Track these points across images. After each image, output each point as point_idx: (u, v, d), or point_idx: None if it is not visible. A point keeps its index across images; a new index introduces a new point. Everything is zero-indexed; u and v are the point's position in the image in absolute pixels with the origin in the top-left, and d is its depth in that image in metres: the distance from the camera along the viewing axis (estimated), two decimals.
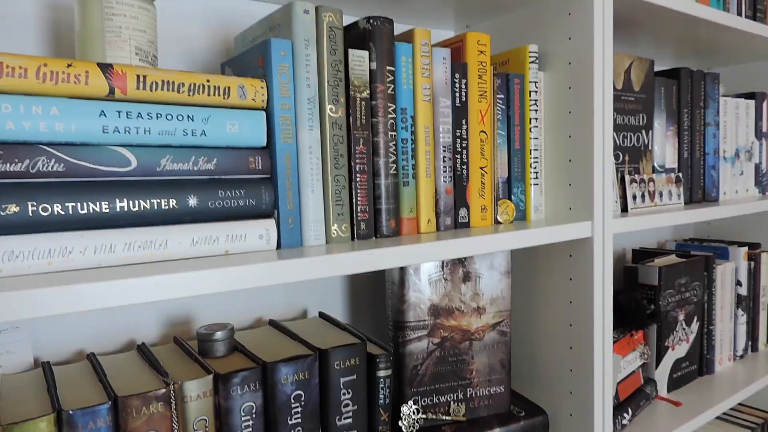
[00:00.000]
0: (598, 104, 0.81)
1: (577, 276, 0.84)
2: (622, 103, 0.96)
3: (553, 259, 0.89)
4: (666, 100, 1.06)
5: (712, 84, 1.14)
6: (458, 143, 0.78)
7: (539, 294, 0.92)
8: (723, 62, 1.44)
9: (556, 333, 0.89)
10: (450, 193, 0.77)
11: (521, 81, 0.84)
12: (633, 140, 0.99)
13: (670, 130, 1.07)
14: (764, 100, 1.29)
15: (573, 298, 0.85)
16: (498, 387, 0.87)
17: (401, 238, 0.71)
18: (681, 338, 1.16)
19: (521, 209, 0.86)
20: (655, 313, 1.11)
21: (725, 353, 1.27)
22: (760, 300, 1.36)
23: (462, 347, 0.84)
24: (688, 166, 1.11)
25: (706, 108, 1.13)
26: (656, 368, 1.11)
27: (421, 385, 0.82)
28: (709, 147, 1.14)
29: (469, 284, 0.84)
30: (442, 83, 0.75)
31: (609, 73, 0.82)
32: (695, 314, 1.18)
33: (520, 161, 0.85)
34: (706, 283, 1.20)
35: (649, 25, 1.05)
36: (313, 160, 0.65)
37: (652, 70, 1.01)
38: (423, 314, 0.82)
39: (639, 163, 1.00)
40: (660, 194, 1.02)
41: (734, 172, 1.22)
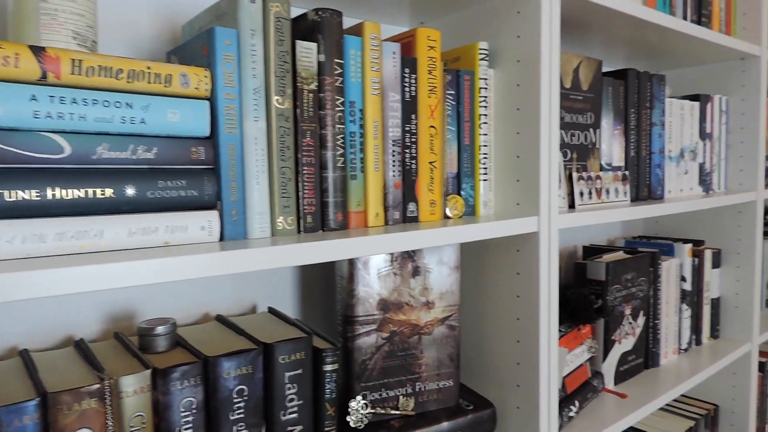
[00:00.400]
0: (545, 102, 0.83)
1: (524, 270, 0.86)
2: (570, 102, 0.98)
3: (502, 253, 0.90)
4: (613, 99, 1.09)
5: (659, 85, 1.18)
6: (407, 138, 0.78)
7: (488, 288, 0.93)
8: (671, 65, 1.48)
9: (504, 327, 0.90)
10: (399, 187, 0.77)
11: (471, 77, 0.85)
12: (581, 138, 1.01)
13: (618, 129, 1.10)
14: (708, 102, 1.34)
15: (520, 292, 0.87)
16: (447, 381, 0.87)
17: (348, 231, 0.71)
18: (627, 332, 1.19)
19: (470, 204, 0.87)
20: (603, 308, 1.13)
21: (670, 347, 1.31)
22: (704, 295, 1.41)
23: (411, 342, 0.85)
24: (634, 164, 1.14)
25: (653, 108, 1.17)
26: (603, 361, 1.14)
27: (369, 379, 0.82)
28: (655, 146, 1.18)
29: (418, 279, 0.84)
30: (391, 77, 0.76)
31: (556, 71, 0.84)
32: (641, 309, 1.22)
33: (470, 157, 0.86)
34: (651, 278, 1.24)
35: (598, 27, 1.08)
36: (258, 152, 0.64)
37: (600, 71, 1.04)
38: (372, 309, 0.82)
39: (587, 160, 1.03)
40: (607, 191, 1.05)
41: (679, 171, 1.26)
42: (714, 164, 1.37)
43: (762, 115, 1.37)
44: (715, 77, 1.44)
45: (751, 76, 1.38)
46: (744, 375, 1.44)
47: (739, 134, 1.41)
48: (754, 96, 1.37)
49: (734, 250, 1.43)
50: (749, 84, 1.38)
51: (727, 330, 1.46)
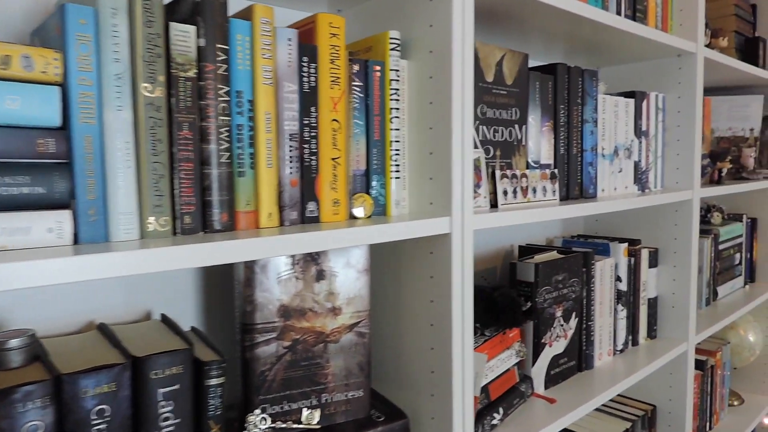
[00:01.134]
0: (457, 95, 0.78)
1: (437, 274, 0.81)
2: (493, 97, 0.94)
3: (415, 256, 0.85)
4: (542, 95, 1.05)
5: (591, 81, 1.15)
6: (307, 132, 0.72)
7: (403, 293, 0.88)
8: (610, 61, 1.46)
9: (418, 333, 0.86)
10: (296, 185, 0.71)
11: (381, 68, 0.80)
12: (505, 135, 0.97)
13: (546, 126, 1.07)
14: (644, 99, 1.32)
15: (434, 297, 0.82)
16: (356, 391, 0.82)
17: (236, 233, 0.65)
18: (559, 334, 1.16)
19: (381, 204, 0.81)
20: (532, 310, 1.10)
21: (605, 348, 1.28)
22: (641, 295, 1.39)
23: (316, 350, 0.79)
24: (564, 162, 1.11)
25: (584, 105, 1.14)
26: (533, 365, 1.11)
27: (269, 391, 0.76)
28: (587, 144, 1.15)
29: (323, 283, 0.79)
30: (286, 66, 0.70)
31: (470, 63, 0.79)
32: (573, 310, 1.19)
33: (380, 153, 0.81)
34: (584, 279, 1.21)
35: (527, 19, 1.04)
36: (122, 145, 0.58)
37: (526, 64, 1.00)
38: (272, 315, 0.76)
39: (512, 158, 0.99)
40: (534, 190, 1.01)
41: (613, 169, 1.23)
42: (650, 162, 1.35)
43: (698, 113, 1.36)
44: (653, 74, 1.42)
45: (687, 73, 1.36)
46: (680, 375, 1.43)
47: (676, 132, 1.39)
48: (690, 93, 1.36)
49: (671, 249, 1.42)
50: (685, 81, 1.36)
51: (665, 330, 1.45)
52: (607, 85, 1.44)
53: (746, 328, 1.95)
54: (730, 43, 1.79)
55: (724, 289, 1.84)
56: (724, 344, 1.86)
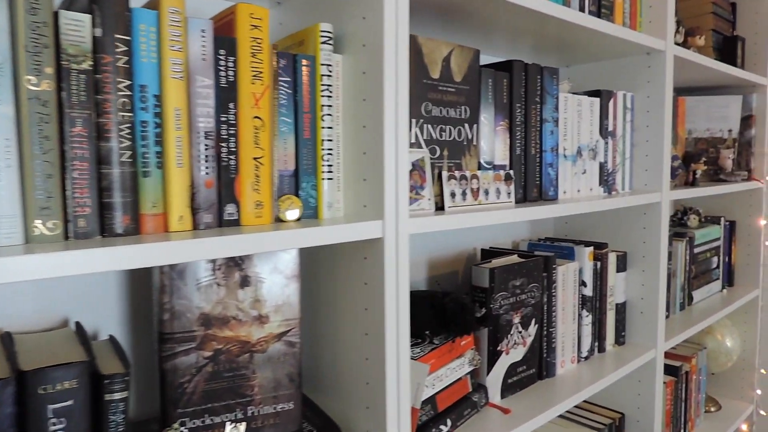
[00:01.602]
0: (390, 92, 0.74)
1: (372, 280, 0.77)
2: (439, 94, 0.89)
3: (350, 261, 0.81)
4: (496, 93, 1.01)
5: (551, 79, 1.10)
6: (224, 129, 0.68)
7: (338, 300, 0.84)
8: (579, 59, 1.42)
9: (353, 343, 0.81)
10: (212, 186, 0.67)
11: (311, 63, 0.76)
12: (453, 134, 0.92)
13: (501, 125, 1.02)
14: (611, 98, 1.27)
15: (368, 304, 0.78)
16: (286, 404, 0.78)
17: (141, 237, 0.60)
18: (517, 342, 1.11)
19: (312, 206, 0.77)
20: (486, 317, 1.06)
21: (568, 355, 1.24)
22: (607, 300, 1.35)
23: (241, 361, 0.75)
24: (521, 163, 1.06)
25: (543, 103, 1.09)
26: (488, 374, 1.07)
27: (189, 404, 0.72)
28: (547, 144, 1.11)
29: (248, 290, 0.74)
30: (200, 59, 0.65)
31: (404, 57, 0.75)
32: (533, 317, 1.15)
33: (311, 153, 0.76)
34: (545, 284, 1.17)
35: (484, 16, 1.00)
36: (2, 142, 0.53)
37: (476, 61, 0.95)
38: (191, 324, 0.71)
39: (461, 158, 0.94)
40: (486, 192, 0.97)
41: (576, 170, 1.19)
42: (617, 164, 1.31)
43: (666, 113, 1.32)
44: (623, 73, 1.38)
45: (656, 71, 1.32)
46: (649, 382, 1.39)
47: (645, 132, 1.35)
48: (659, 92, 1.32)
49: (640, 253, 1.38)
50: (654, 80, 1.32)
51: (633, 336, 1.41)
52: (573, 84, 1.40)
53: (723, 332, 1.91)
54: (707, 42, 1.75)
55: (701, 293, 1.81)
56: (700, 349, 1.82)
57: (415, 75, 0.86)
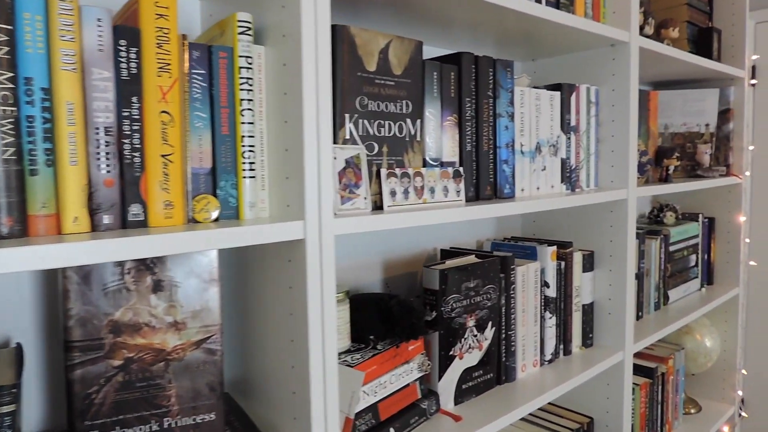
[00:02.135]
0: (310, 84, 0.69)
1: (296, 284, 0.73)
2: (376, 88, 0.85)
3: (274, 264, 0.77)
4: (442, 87, 0.97)
5: (504, 72, 1.06)
6: (127, 125, 0.64)
7: (265, 304, 0.80)
8: (546, 53, 1.38)
9: (279, 350, 0.77)
10: (112, 185, 0.63)
11: (229, 55, 0.72)
12: (394, 130, 0.88)
13: (449, 121, 0.98)
14: (573, 92, 1.23)
15: (293, 309, 0.74)
16: (207, 414, 0.74)
17: (27, 239, 0.56)
18: (471, 346, 1.07)
19: (232, 206, 0.73)
20: (437, 320, 1.01)
21: (529, 359, 1.20)
22: (573, 301, 1.30)
23: (155, 370, 0.71)
24: (472, 159, 1.02)
25: (497, 98, 1.05)
26: (439, 380, 1.02)
27: (98, 416, 0.68)
28: (501, 140, 1.07)
29: (161, 295, 0.70)
30: (95, 50, 0.61)
31: (325, 48, 0.71)
32: (489, 319, 1.11)
33: (230, 150, 0.72)
34: (502, 285, 1.13)
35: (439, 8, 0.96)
36: None
37: (419, 53, 0.91)
38: (98, 331, 0.67)
39: (403, 155, 0.90)
40: (432, 190, 0.93)
41: (535, 167, 1.15)
42: (581, 160, 1.27)
43: (632, 106, 1.28)
44: (588, 65, 1.34)
45: (620, 63, 1.28)
46: (617, 385, 1.35)
47: (610, 127, 1.31)
48: (624, 85, 1.27)
49: (607, 252, 1.34)
50: (619, 73, 1.28)
51: (601, 338, 1.37)
52: (532, 78, 1.35)
53: (703, 333, 1.87)
54: (681, 34, 1.71)
55: (677, 292, 1.76)
56: (678, 350, 1.78)
57: (349, 68, 0.82)
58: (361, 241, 1.14)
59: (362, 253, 1.15)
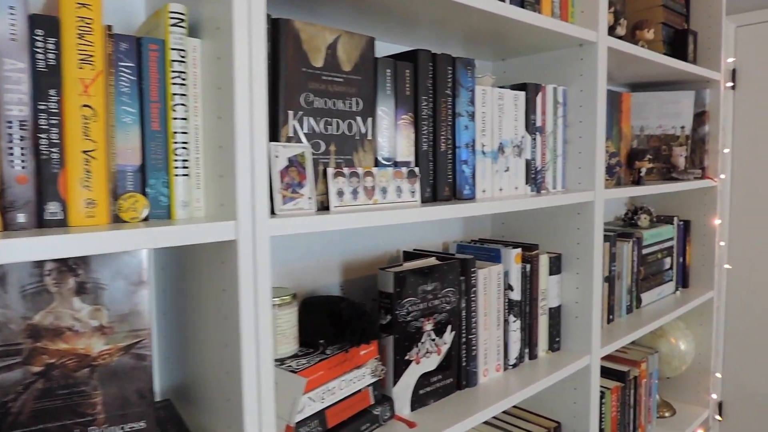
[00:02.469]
0: (242, 78, 0.67)
1: (229, 287, 0.70)
2: (323, 84, 0.82)
3: (209, 266, 0.74)
4: (397, 84, 0.94)
5: (464, 70, 1.04)
6: (44, 119, 0.61)
7: (201, 307, 0.77)
8: (515, 53, 1.35)
9: (215, 355, 0.74)
10: (26, 182, 0.60)
11: (160, 47, 0.69)
12: (343, 128, 0.85)
13: (404, 119, 0.95)
14: (539, 92, 1.21)
15: (227, 313, 0.71)
16: (136, 422, 0.71)
17: None
18: (429, 350, 1.05)
19: (163, 205, 0.70)
20: (392, 324, 0.99)
21: (491, 363, 1.18)
22: (539, 305, 1.28)
23: (79, 376, 0.68)
24: (429, 159, 1.00)
25: (456, 96, 1.03)
26: (394, 385, 1.00)
27: (15, 425, 0.65)
28: (461, 139, 1.04)
29: (85, 297, 0.67)
30: (7, 39, 0.58)
31: (260, 41, 0.68)
32: (449, 323, 1.08)
33: (161, 146, 0.69)
34: (462, 288, 1.10)
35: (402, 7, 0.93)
36: None
37: (370, 49, 0.88)
38: (15, 336, 0.64)
39: (353, 154, 0.87)
40: (383, 190, 0.90)
41: (497, 168, 1.12)
42: (548, 161, 1.25)
43: (600, 107, 1.26)
44: (556, 66, 1.32)
45: (588, 64, 1.26)
46: (584, 390, 1.33)
47: (578, 128, 1.29)
48: (592, 86, 1.25)
49: (574, 254, 1.31)
50: (587, 73, 1.26)
51: (569, 342, 1.35)
52: (501, 77, 1.33)
53: (677, 336, 1.85)
54: (657, 36, 1.69)
55: (651, 295, 1.75)
56: (652, 353, 1.76)
57: (293, 63, 0.79)
58: (319, 242, 1.11)
59: (321, 254, 1.12)
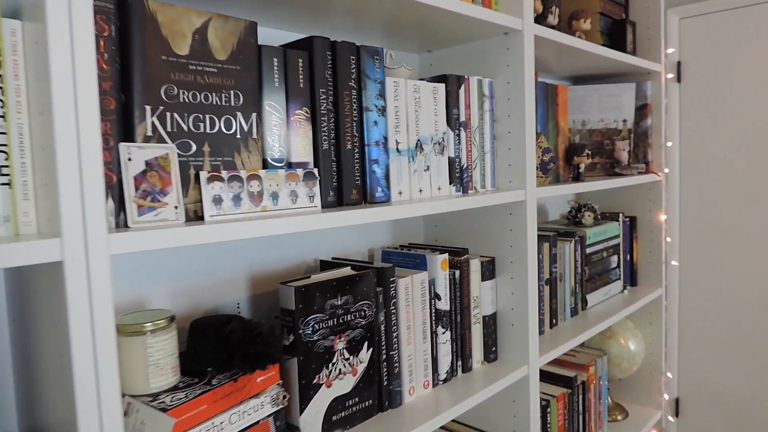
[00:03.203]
0: (61, 66, 0.55)
1: (62, 317, 0.58)
2: (191, 75, 0.72)
3: (44, 293, 0.62)
4: (288, 76, 0.83)
5: (371, 60, 0.94)
6: None
7: (39, 342, 0.65)
8: (441, 43, 1.26)
9: (55, 398, 0.63)
10: None
11: None
12: (219, 125, 0.75)
13: (298, 115, 0.85)
14: (461, 84, 1.12)
15: (62, 348, 0.59)
16: None
17: None
18: (343, 371, 0.94)
19: None
20: (296, 345, 0.88)
21: (418, 380, 1.08)
22: (471, 313, 1.19)
23: None
24: (331, 159, 0.89)
25: (363, 89, 0.93)
26: (301, 413, 0.89)
27: None
28: (370, 137, 0.94)
29: None
30: None
31: (85, 23, 0.57)
32: (365, 340, 0.98)
33: None
34: (380, 301, 1.00)
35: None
36: None
37: (252, 35, 0.78)
38: None
39: (234, 155, 0.77)
40: (274, 196, 0.79)
41: (415, 167, 1.03)
42: (474, 159, 1.16)
43: (528, 100, 1.17)
44: (483, 56, 1.23)
45: (514, 53, 1.17)
46: (524, 402, 1.24)
47: (507, 122, 1.20)
48: (519, 77, 1.17)
49: (508, 258, 1.23)
50: (514, 63, 1.18)
51: (506, 351, 1.26)
52: (413, 68, 1.24)
53: (626, 336, 1.79)
54: (594, 26, 1.63)
55: (597, 295, 1.68)
56: (601, 356, 1.70)
57: (149, 50, 0.68)
58: (222, 252, 1.00)
59: (224, 267, 1.00)
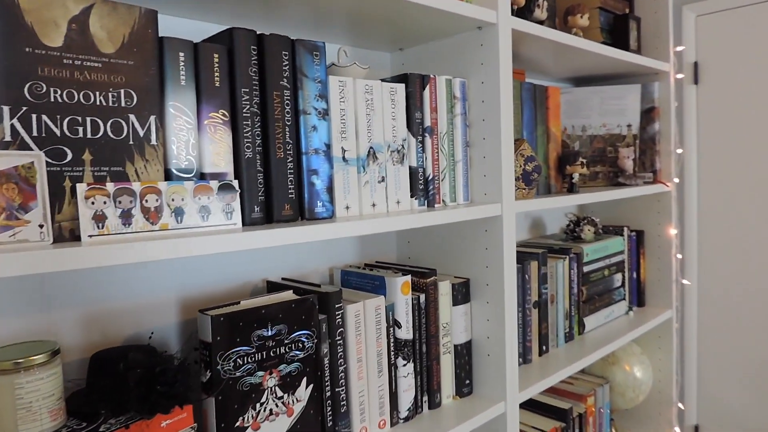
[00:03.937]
0: None
1: None
2: (65, 70, 0.61)
3: None
4: (199, 73, 0.72)
5: (309, 57, 0.82)
6: None
7: None
8: (412, 41, 1.14)
9: None
10: None
11: None
12: (104, 129, 0.64)
13: (213, 118, 0.74)
14: (426, 85, 0.99)
15: None
16: None
17: None
18: (274, 411, 0.82)
19: None
20: (213, 382, 0.76)
21: (373, 419, 0.95)
22: (441, 342, 1.06)
23: None
24: (257, 170, 0.78)
25: (299, 89, 0.81)
26: None
27: None
28: (309, 144, 0.82)
29: None
30: None
31: None
32: (304, 375, 0.86)
33: None
34: (323, 330, 0.88)
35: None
36: None
37: (151, 25, 0.67)
38: None
39: (124, 164, 0.65)
40: (178, 212, 0.68)
41: (366, 178, 0.91)
42: (442, 168, 1.03)
43: (504, 102, 1.04)
44: (455, 54, 1.10)
45: (489, 50, 1.04)
46: None
47: (482, 128, 1.07)
48: (494, 76, 1.04)
49: (483, 279, 1.09)
50: (488, 62, 1.05)
51: (481, 385, 1.12)
52: (368, 66, 1.12)
53: (632, 362, 1.63)
54: (593, 22, 1.48)
55: (597, 318, 1.52)
56: (601, 384, 1.54)
57: (7, 41, 0.57)
58: (154, 270, 0.89)
59: (154, 288, 0.89)
